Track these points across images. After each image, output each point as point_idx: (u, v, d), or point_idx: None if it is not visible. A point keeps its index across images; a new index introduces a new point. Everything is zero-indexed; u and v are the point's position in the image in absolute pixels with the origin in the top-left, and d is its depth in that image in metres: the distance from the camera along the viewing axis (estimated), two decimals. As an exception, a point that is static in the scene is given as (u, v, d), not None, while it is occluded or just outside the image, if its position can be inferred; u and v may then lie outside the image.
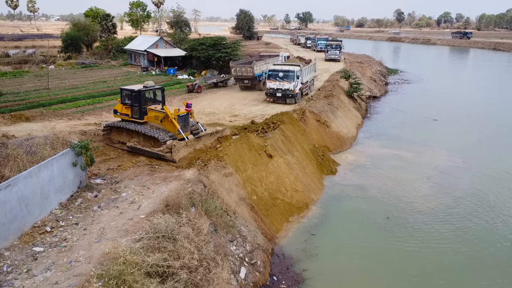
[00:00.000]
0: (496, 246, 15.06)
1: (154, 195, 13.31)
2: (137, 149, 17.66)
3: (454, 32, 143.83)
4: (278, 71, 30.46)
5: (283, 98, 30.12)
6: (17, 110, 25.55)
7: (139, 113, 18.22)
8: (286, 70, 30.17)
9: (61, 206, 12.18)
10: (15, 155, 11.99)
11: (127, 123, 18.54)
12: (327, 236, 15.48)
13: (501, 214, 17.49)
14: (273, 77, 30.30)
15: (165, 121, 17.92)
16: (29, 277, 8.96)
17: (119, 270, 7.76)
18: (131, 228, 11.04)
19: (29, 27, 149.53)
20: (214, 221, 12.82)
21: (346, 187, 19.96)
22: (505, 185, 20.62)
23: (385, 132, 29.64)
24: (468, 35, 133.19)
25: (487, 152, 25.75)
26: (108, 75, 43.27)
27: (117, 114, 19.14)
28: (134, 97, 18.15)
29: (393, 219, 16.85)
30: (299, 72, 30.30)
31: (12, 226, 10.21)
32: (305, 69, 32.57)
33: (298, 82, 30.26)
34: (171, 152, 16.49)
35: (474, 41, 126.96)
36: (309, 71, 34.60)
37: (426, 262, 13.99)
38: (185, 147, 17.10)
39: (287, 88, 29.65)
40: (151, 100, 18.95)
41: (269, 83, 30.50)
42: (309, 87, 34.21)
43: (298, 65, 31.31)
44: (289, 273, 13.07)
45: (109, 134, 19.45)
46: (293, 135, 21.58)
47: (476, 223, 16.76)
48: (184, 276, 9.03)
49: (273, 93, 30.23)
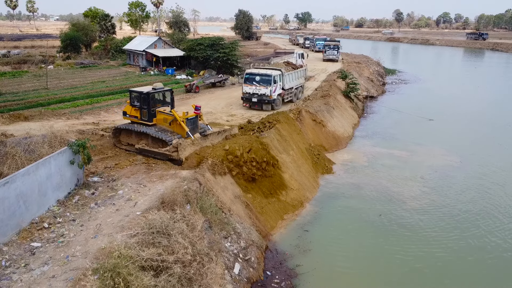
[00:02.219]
0: (487, 243, 15.34)
1: (150, 193, 13.56)
2: (145, 150, 17.54)
3: (469, 33, 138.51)
4: (255, 74, 28.37)
5: (259, 103, 28.00)
6: (15, 109, 25.76)
7: (148, 115, 18.10)
8: (263, 74, 28.06)
9: (59, 203, 12.42)
10: (14, 153, 12.25)
11: (136, 126, 18.42)
12: (321, 233, 15.75)
13: (494, 212, 17.77)
14: (250, 81, 28.22)
15: (173, 124, 17.85)
16: (27, 271, 9.21)
17: (114, 263, 8.02)
18: (127, 225, 11.28)
19: (28, 27, 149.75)
20: (209, 218, 13.06)
21: (341, 185, 20.23)
22: (499, 183, 20.90)
23: (381, 132, 29.91)
24: (483, 36, 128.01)
25: (481, 152, 26.03)
26: (106, 75, 43.50)
27: (126, 116, 18.96)
28: (143, 99, 18.00)
29: (385, 216, 17.12)
30: (278, 77, 28.24)
31: (11, 222, 10.46)
32: (288, 74, 30.30)
33: (277, 87, 28.22)
34: (178, 151, 16.41)
35: (472, 41, 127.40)
36: (296, 77, 31.98)
37: (417, 257, 14.27)
38: (191, 146, 16.97)
39: (263, 93, 27.53)
40: (160, 102, 18.77)
41: (245, 87, 28.35)
42: (295, 94, 31.72)
43: (279, 70, 29.41)
44: (282, 268, 13.33)
45: (118, 136, 19.29)
46: (289, 134, 21.84)
47: (469, 220, 17.04)
48: (178, 270, 9.29)
49: (249, 98, 28.10)
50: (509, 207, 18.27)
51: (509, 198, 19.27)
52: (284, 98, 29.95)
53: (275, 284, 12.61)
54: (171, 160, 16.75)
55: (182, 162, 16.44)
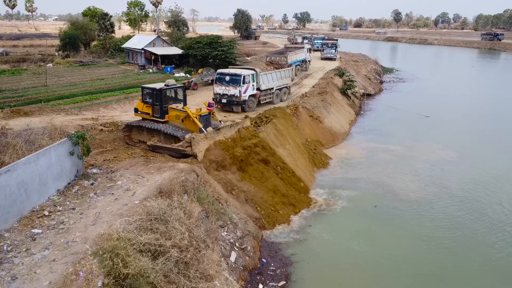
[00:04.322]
0: (483, 235, 15.66)
1: (148, 183, 13.81)
2: (158, 147, 17.32)
3: (484, 34, 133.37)
4: (226, 74, 26.80)
5: (229, 105, 26.47)
6: (15, 106, 25.99)
7: (160, 112, 17.91)
8: (233, 74, 26.47)
9: (59, 193, 12.68)
10: (14, 143, 12.50)
11: (147, 122, 18.26)
12: (316, 224, 16.03)
13: (489, 204, 18.10)
14: (220, 81, 26.71)
15: (186, 121, 17.63)
16: (28, 255, 9.47)
17: (113, 245, 8.29)
18: (126, 213, 11.53)
19: (27, 26, 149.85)
20: (206, 208, 13.35)
21: (337, 179, 20.53)
22: (494, 178, 21.23)
23: (377, 128, 30.22)
24: (498, 36, 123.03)
25: (477, 147, 26.43)
26: (105, 73, 43.74)
27: (137, 112, 18.79)
28: (156, 96, 17.80)
29: (380, 207, 17.45)
30: (249, 77, 26.39)
31: (12, 209, 10.71)
32: (265, 74, 28.79)
33: (249, 88, 26.44)
34: (191, 146, 16.18)
35: (470, 41, 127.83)
36: (278, 77, 30.09)
37: (412, 246, 14.63)
38: (205, 140, 16.67)
39: (232, 94, 25.92)
40: (172, 99, 18.59)
41: (216, 88, 26.85)
42: (277, 95, 29.86)
43: (253, 69, 27.92)
44: (277, 256, 13.63)
45: (129, 133, 19.12)
46: (286, 129, 22.13)
47: (463, 213, 17.39)
48: (175, 254, 9.57)
49: (220, 99, 26.57)
50: (502, 198, 18.59)
51: (501, 189, 19.60)
52: (261, 99, 28.22)
53: (270, 272, 12.91)
54: (185, 156, 16.44)
55: (196, 156, 16.11)
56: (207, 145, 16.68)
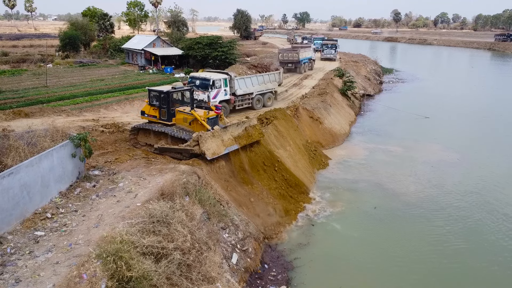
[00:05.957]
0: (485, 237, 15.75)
1: (150, 185, 13.87)
2: (165, 149, 17.15)
3: (498, 35, 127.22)
4: (196, 78, 25.70)
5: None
6: (16, 107, 26.01)
7: (167, 114, 17.78)
8: (202, 78, 25.33)
9: (61, 195, 12.73)
10: (17, 146, 12.53)
11: (154, 125, 18.13)
12: (317, 226, 16.10)
13: (490, 206, 18.18)
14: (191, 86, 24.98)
15: (194, 124, 17.47)
16: (31, 257, 9.52)
17: (116, 248, 8.35)
18: (128, 215, 11.59)
19: (27, 26, 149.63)
20: (207, 209, 13.41)
21: (337, 180, 20.60)
22: (494, 178, 21.31)
23: (377, 129, 30.30)
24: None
25: (477, 147, 26.50)
26: (105, 74, 43.74)
27: (144, 115, 18.63)
28: (163, 99, 17.69)
29: (380, 209, 17.51)
30: (220, 82, 25.22)
31: (15, 211, 10.76)
32: (242, 79, 27.43)
33: (219, 93, 25.27)
34: (199, 145, 15.93)
35: (470, 41, 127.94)
36: (260, 82, 28.45)
37: (414, 249, 14.68)
38: (212, 138, 16.35)
39: (201, 99, 24.62)
40: (179, 102, 18.47)
41: None
42: (258, 100, 28.32)
43: (226, 73, 26.81)
44: (279, 261, 13.69)
45: (136, 135, 18.98)
46: (286, 131, 22.19)
47: (464, 214, 17.45)
48: (177, 257, 9.63)
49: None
50: (502, 199, 18.67)
51: (502, 190, 19.68)
52: (236, 105, 26.91)
53: (271, 277, 12.97)
54: (194, 156, 16.23)
55: (204, 154, 15.85)
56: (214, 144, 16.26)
